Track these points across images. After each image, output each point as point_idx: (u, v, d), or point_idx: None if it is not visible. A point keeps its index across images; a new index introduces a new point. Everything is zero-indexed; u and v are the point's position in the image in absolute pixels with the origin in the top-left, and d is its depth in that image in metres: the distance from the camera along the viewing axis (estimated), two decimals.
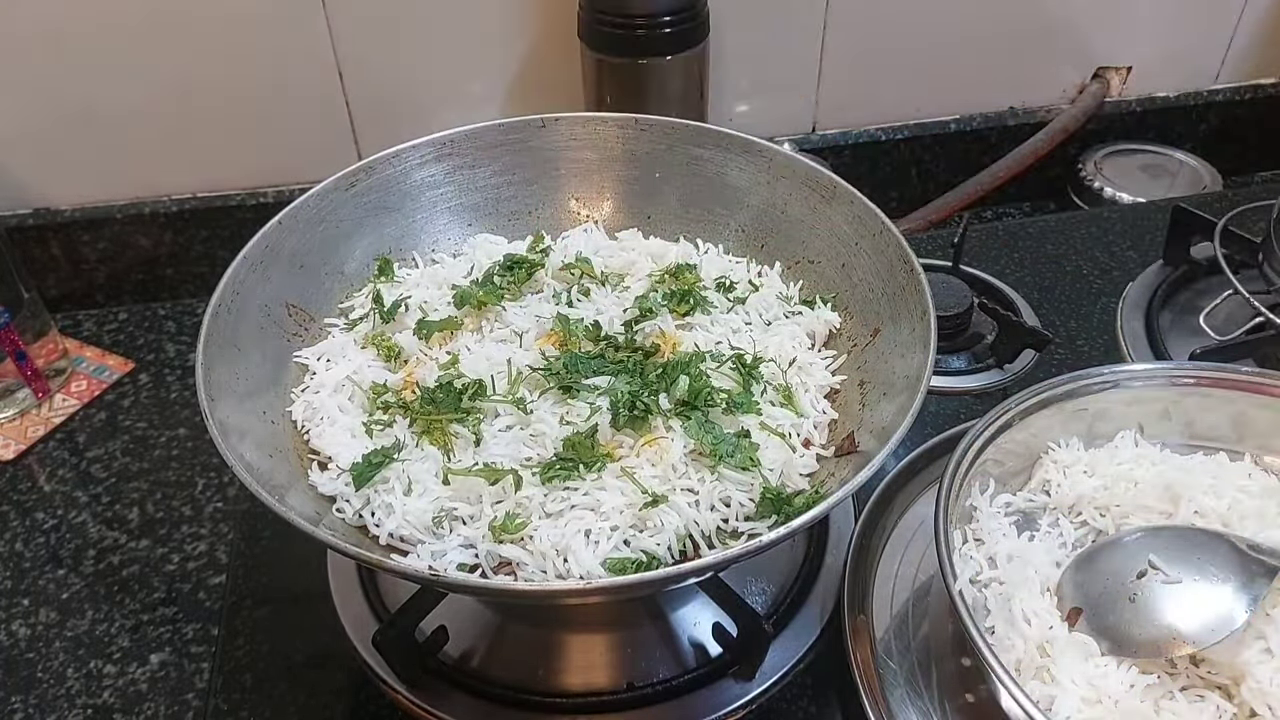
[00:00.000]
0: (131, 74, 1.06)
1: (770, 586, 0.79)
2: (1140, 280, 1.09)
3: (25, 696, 0.77)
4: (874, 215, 0.77)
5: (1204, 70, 1.40)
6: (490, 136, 0.87)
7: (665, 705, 0.72)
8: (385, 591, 0.78)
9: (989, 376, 1.00)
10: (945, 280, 1.03)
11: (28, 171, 1.11)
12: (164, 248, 1.17)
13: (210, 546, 0.88)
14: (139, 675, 0.78)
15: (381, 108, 1.14)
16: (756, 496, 0.67)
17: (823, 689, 0.75)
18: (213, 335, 0.68)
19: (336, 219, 0.82)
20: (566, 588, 0.60)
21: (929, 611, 0.75)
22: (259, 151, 1.15)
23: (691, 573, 0.58)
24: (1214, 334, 0.95)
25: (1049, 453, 0.77)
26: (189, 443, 0.98)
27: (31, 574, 0.86)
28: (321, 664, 0.77)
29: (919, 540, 0.78)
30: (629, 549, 0.65)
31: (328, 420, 0.73)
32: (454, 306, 0.80)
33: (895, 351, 0.72)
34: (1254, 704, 0.61)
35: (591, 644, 0.75)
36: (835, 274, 0.81)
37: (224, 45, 1.06)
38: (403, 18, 1.09)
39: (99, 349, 1.09)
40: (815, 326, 0.80)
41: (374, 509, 0.68)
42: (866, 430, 0.70)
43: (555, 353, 0.76)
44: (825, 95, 1.29)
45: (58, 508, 0.92)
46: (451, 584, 0.62)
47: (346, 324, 0.81)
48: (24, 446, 0.97)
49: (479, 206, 0.89)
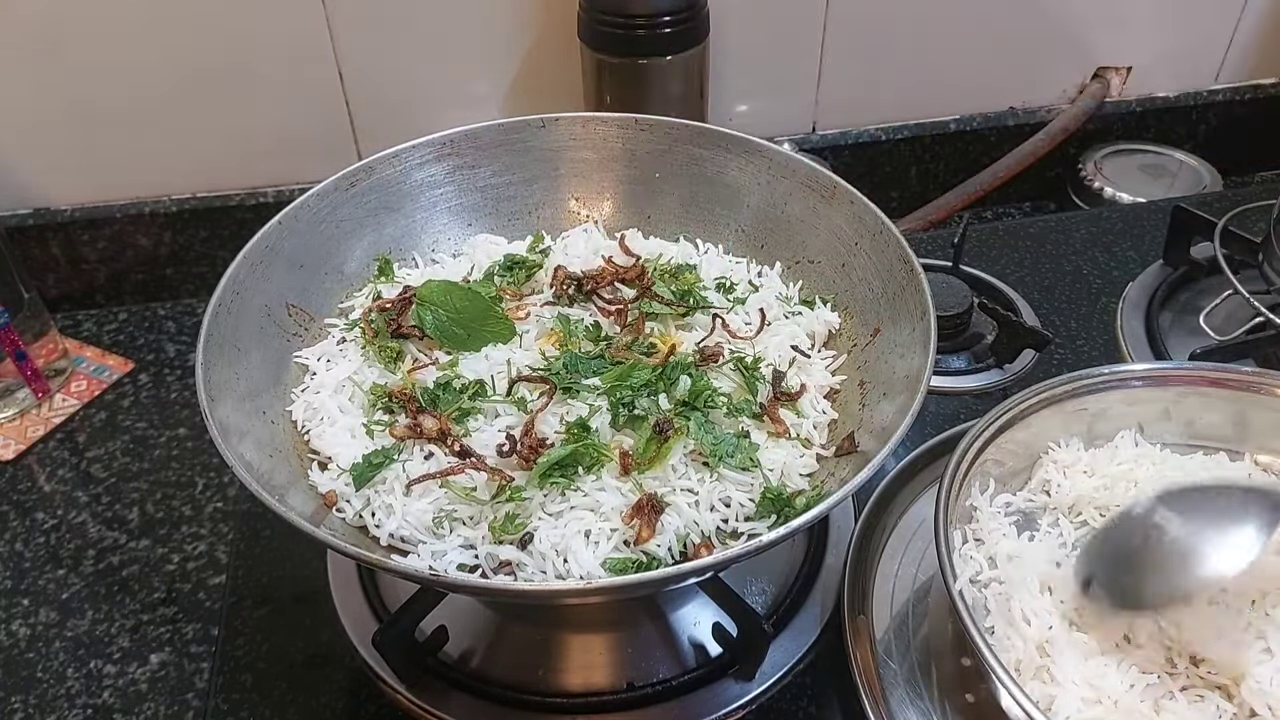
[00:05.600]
0: (131, 74, 1.06)
1: (770, 586, 0.79)
2: (1140, 280, 1.09)
3: (25, 696, 0.77)
4: (874, 215, 0.77)
5: (1204, 70, 1.40)
6: (490, 136, 0.87)
7: (665, 705, 0.72)
8: (385, 591, 0.78)
9: (989, 376, 1.00)
10: (945, 280, 1.03)
11: (28, 171, 1.11)
12: (164, 248, 1.17)
13: (210, 546, 0.88)
14: (139, 675, 0.78)
15: (381, 108, 1.14)
16: (756, 497, 0.68)
17: (823, 689, 0.75)
18: (213, 335, 0.68)
19: (336, 219, 0.82)
20: (566, 588, 0.60)
21: (929, 611, 0.75)
22: (259, 151, 1.15)
23: (691, 573, 0.58)
24: (1214, 334, 0.95)
25: (1049, 453, 0.77)
26: (189, 443, 0.98)
27: (31, 574, 0.86)
28: (321, 664, 0.77)
29: (919, 540, 0.78)
30: (629, 549, 0.65)
31: (328, 420, 0.73)
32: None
33: (895, 351, 0.72)
34: (1254, 704, 0.61)
35: (591, 644, 0.75)
36: (835, 274, 0.81)
37: (224, 45, 1.06)
38: (403, 18, 1.09)
39: (99, 349, 1.09)
40: (815, 326, 0.80)
41: (374, 509, 0.68)
42: (866, 430, 0.70)
43: (555, 353, 0.76)
44: (825, 95, 1.29)
45: (58, 508, 0.92)
46: (451, 584, 0.62)
47: (346, 324, 0.81)
48: (24, 446, 0.97)
49: (479, 206, 0.89)
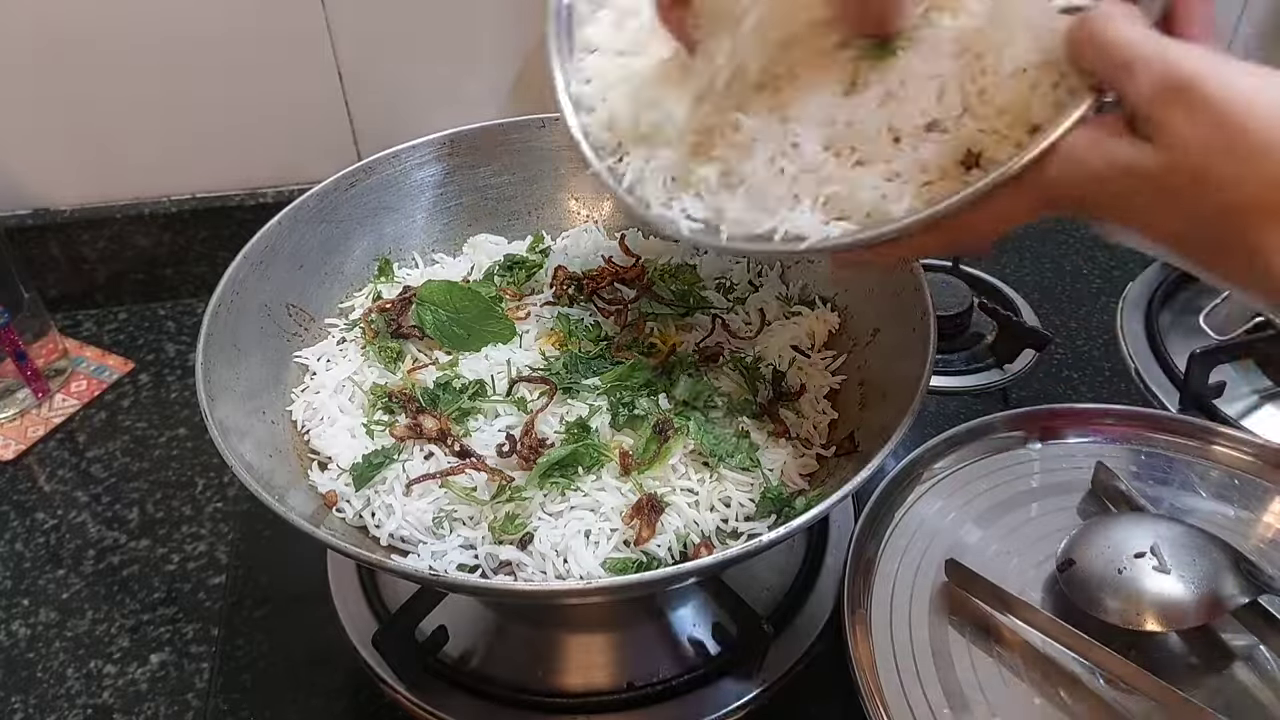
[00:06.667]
0: (132, 74, 1.06)
1: (770, 586, 0.79)
2: (1140, 280, 1.09)
3: (25, 696, 0.77)
4: None
5: None
6: (490, 136, 0.87)
7: (665, 705, 0.72)
8: (385, 591, 0.78)
9: (989, 376, 1.00)
10: (945, 280, 1.03)
11: (28, 171, 1.11)
12: (164, 248, 1.17)
13: (210, 546, 0.88)
14: (139, 675, 0.78)
15: (381, 108, 1.14)
16: (756, 497, 0.68)
17: (823, 689, 0.75)
18: (213, 335, 0.68)
19: (336, 219, 0.82)
20: (566, 588, 0.60)
21: (929, 611, 0.75)
22: (259, 151, 1.15)
23: (691, 573, 0.58)
24: (1214, 334, 0.95)
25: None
26: (189, 443, 0.98)
27: (31, 574, 0.86)
28: (321, 664, 0.77)
29: (919, 540, 0.78)
30: (629, 549, 0.65)
31: (328, 420, 0.73)
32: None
33: (895, 351, 0.72)
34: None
35: (591, 644, 0.75)
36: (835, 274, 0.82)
37: (224, 45, 1.06)
38: (403, 18, 1.09)
39: (99, 349, 1.09)
40: (815, 326, 0.80)
41: (374, 509, 0.68)
42: (866, 430, 0.70)
43: (555, 353, 0.76)
44: None
45: (58, 508, 0.92)
46: (451, 584, 0.62)
47: (346, 324, 0.81)
48: (24, 446, 0.97)
49: (479, 206, 0.89)
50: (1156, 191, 0.45)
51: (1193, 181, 0.44)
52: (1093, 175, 0.47)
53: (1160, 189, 0.45)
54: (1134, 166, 0.45)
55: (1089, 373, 1.01)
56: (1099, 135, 0.47)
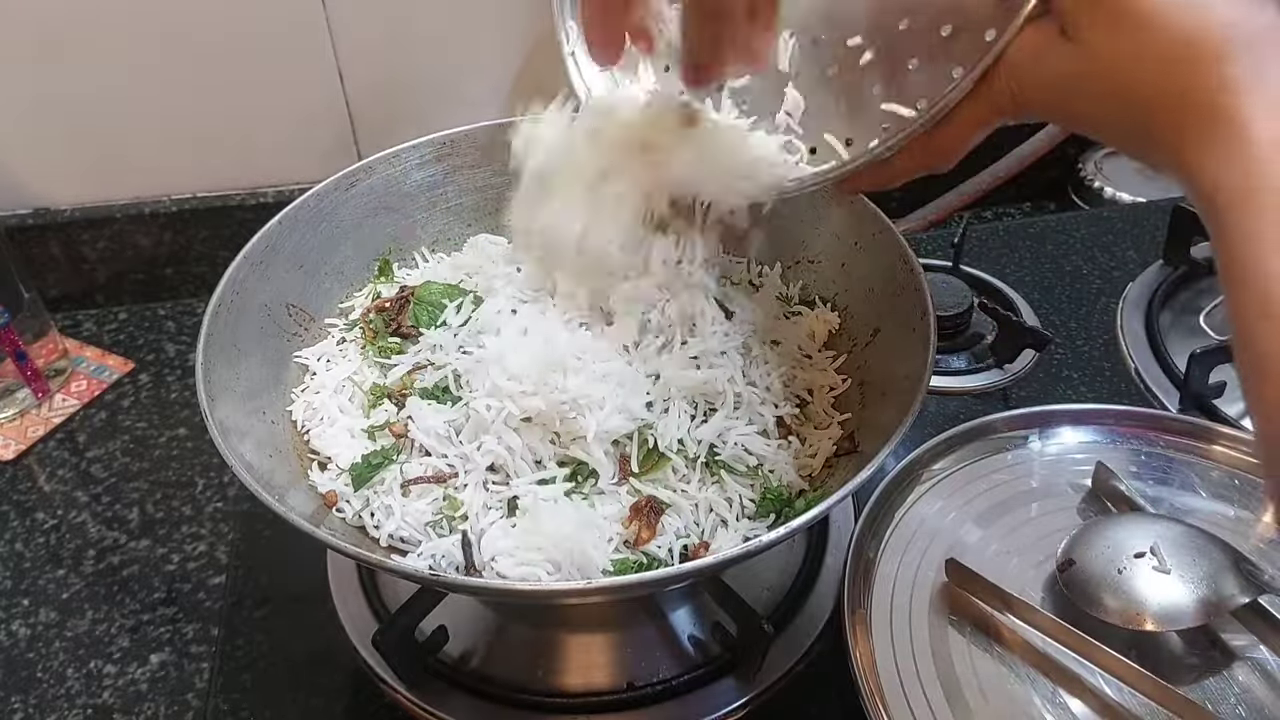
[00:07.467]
0: (132, 74, 1.06)
1: (770, 586, 0.79)
2: (1140, 280, 1.09)
3: (25, 696, 0.77)
4: (874, 215, 0.77)
5: None
6: (490, 136, 0.87)
7: (665, 705, 0.72)
8: (385, 591, 0.78)
9: (989, 376, 1.00)
10: (945, 280, 1.03)
11: (28, 171, 1.11)
12: (164, 248, 1.17)
13: (210, 546, 0.88)
14: (139, 675, 0.78)
15: (381, 108, 1.14)
16: (756, 497, 0.67)
17: (823, 689, 0.75)
18: (213, 335, 0.68)
19: (336, 219, 0.82)
20: (566, 588, 0.60)
21: (929, 611, 0.75)
22: (259, 151, 1.15)
23: (691, 573, 0.58)
24: (1214, 334, 0.95)
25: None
26: (189, 443, 0.98)
27: (31, 574, 0.86)
28: (321, 664, 0.77)
29: (919, 540, 0.78)
30: (629, 550, 0.65)
31: (327, 420, 0.73)
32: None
33: (895, 351, 0.72)
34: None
35: (591, 644, 0.75)
36: (835, 274, 0.81)
37: (224, 45, 1.06)
38: (403, 18, 1.09)
39: (99, 349, 1.09)
40: (815, 326, 0.80)
41: (373, 509, 0.68)
42: (866, 430, 0.70)
43: None
44: None
45: (58, 508, 0.92)
46: (451, 584, 0.62)
47: (346, 324, 0.81)
48: (24, 446, 0.97)
49: (479, 206, 0.89)
50: (1087, 93, 0.49)
51: (1109, 79, 0.47)
52: (1035, 83, 0.51)
53: (1089, 91, 0.49)
54: (1067, 71, 0.49)
55: (1089, 373, 1.01)
56: (1036, 42, 0.50)
